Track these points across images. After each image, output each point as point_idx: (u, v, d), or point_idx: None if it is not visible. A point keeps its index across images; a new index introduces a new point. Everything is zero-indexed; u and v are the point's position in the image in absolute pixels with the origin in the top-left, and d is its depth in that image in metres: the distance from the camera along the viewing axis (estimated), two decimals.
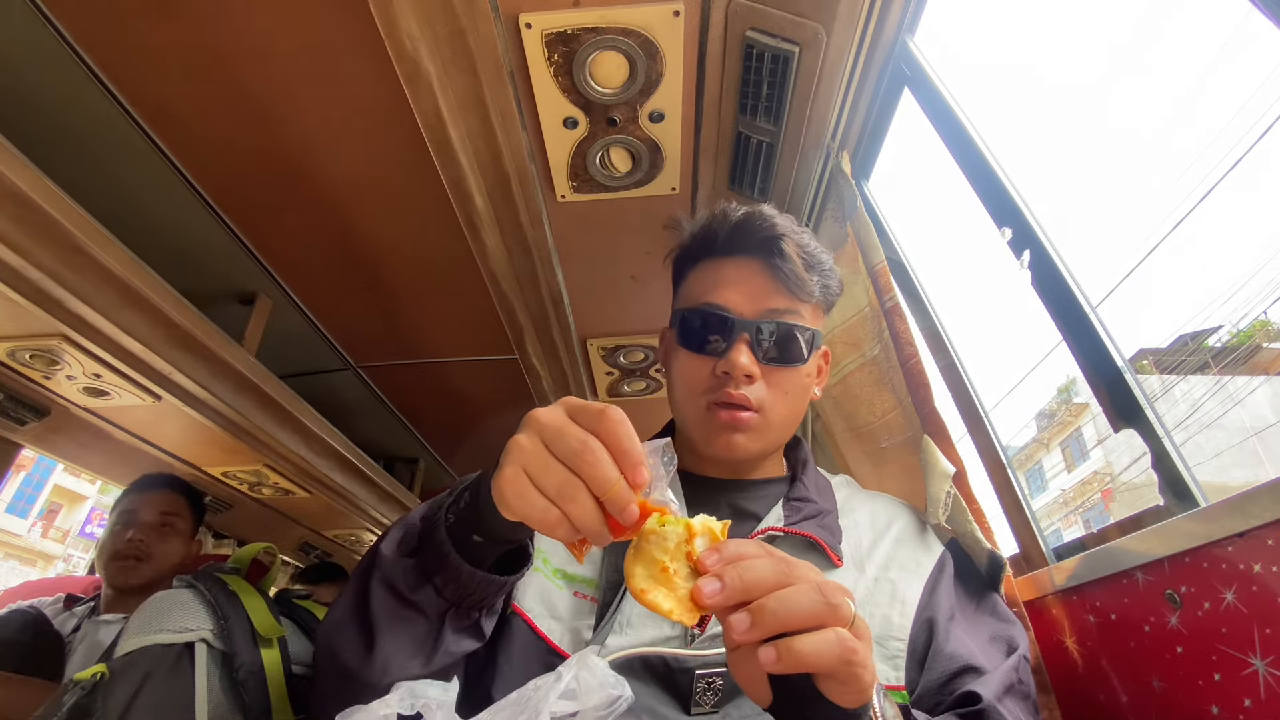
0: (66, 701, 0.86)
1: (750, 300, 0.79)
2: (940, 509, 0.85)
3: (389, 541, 0.61)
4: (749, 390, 0.76)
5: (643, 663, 0.65)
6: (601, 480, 0.45)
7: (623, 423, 0.47)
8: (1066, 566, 0.85)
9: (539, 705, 0.47)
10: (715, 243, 0.83)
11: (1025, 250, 0.93)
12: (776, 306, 0.79)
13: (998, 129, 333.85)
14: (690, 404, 0.80)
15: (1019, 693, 0.67)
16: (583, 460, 0.45)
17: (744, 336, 0.77)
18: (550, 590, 0.74)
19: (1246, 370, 14.61)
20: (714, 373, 0.78)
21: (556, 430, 0.47)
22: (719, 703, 0.64)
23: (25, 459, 11.82)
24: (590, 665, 0.49)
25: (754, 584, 0.45)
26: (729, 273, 0.81)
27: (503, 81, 1.19)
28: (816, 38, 1.11)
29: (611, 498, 0.45)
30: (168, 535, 1.67)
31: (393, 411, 2.61)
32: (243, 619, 1.06)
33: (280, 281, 1.80)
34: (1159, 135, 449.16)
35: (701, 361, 0.79)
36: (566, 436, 0.46)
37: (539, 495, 0.46)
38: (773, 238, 0.80)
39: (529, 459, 0.47)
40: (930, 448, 0.94)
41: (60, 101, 1.26)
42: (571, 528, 0.46)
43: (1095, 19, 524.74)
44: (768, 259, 0.80)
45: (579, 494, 0.45)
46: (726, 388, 0.76)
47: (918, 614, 0.73)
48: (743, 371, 0.75)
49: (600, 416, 0.47)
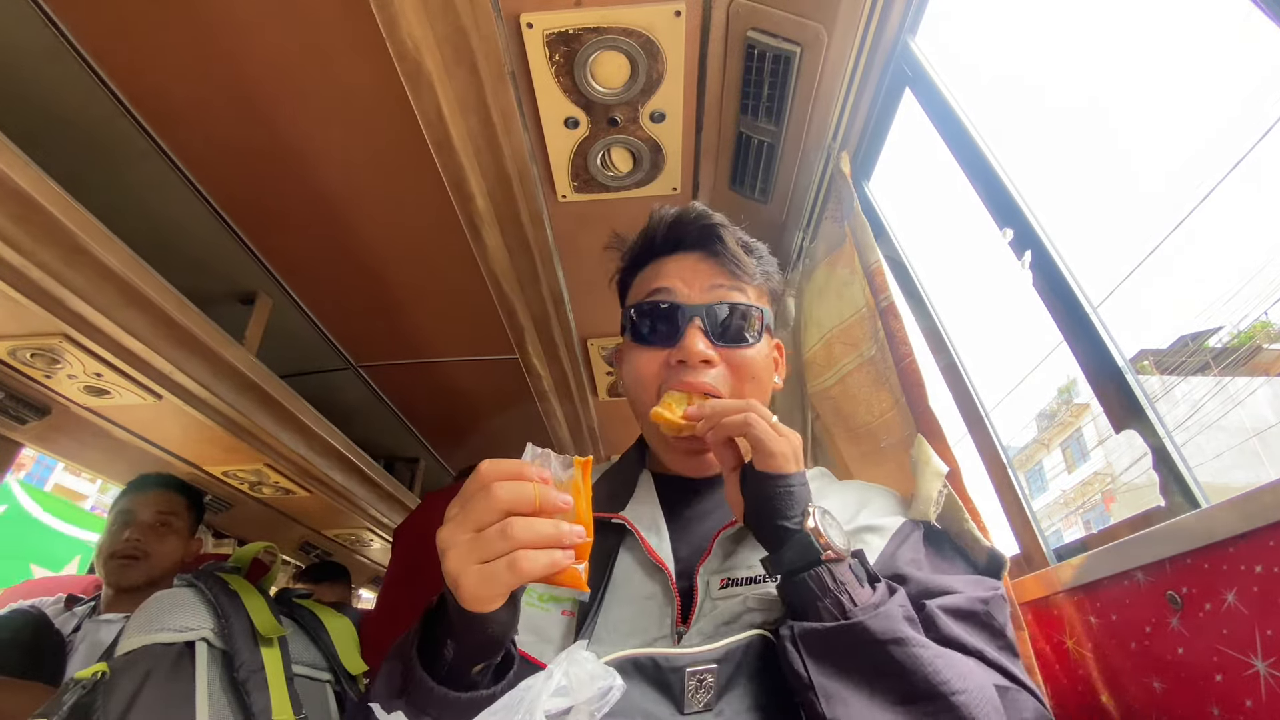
0: (67, 700, 0.86)
1: (696, 285, 0.78)
2: (931, 506, 0.85)
3: (378, 688, 0.60)
4: (707, 376, 0.75)
5: (633, 664, 0.65)
6: (526, 502, 0.51)
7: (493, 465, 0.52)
8: (1067, 567, 0.85)
9: (533, 704, 0.47)
10: (654, 243, 0.83)
11: (1027, 251, 0.93)
12: (722, 284, 0.78)
13: (999, 129, 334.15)
14: (646, 401, 0.77)
15: (978, 622, 0.66)
16: (507, 507, 0.50)
17: (695, 321, 0.75)
18: (537, 617, 0.73)
19: (1247, 371, 14.60)
20: (668, 363, 0.76)
21: (467, 512, 0.51)
22: (711, 701, 0.64)
23: (25, 458, 11.83)
24: (579, 660, 0.50)
25: (720, 409, 0.67)
26: (670, 266, 0.81)
27: (504, 81, 1.19)
28: (818, 38, 1.11)
29: (546, 503, 0.51)
30: (165, 534, 1.67)
31: (393, 411, 2.61)
32: (243, 618, 1.06)
33: (281, 281, 1.80)
34: (1160, 136, 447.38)
35: (653, 354, 0.77)
36: (474, 507, 0.51)
37: (503, 559, 0.49)
38: (708, 226, 0.80)
39: (469, 548, 0.50)
40: (922, 445, 0.94)
41: (62, 101, 1.26)
42: (551, 559, 0.50)
43: (1097, 19, 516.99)
44: (708, 248, 0.80)
45: (521, 534, 0.49)
46: (684, 377, 0.74)
47: (882, 559, 0.73)
48: (699, 357, 0.73)
49: (479, 479, 0.52)
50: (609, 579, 0.73)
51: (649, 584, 0.73)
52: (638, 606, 0.72)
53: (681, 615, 0.70)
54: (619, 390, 2.38)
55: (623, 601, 0.72)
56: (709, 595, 0.70)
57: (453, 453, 3.09)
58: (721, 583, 0.71)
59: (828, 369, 1.27)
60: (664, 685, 0.64)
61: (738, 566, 0.72)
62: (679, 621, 0.69)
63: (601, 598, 0.71)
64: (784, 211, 1.49)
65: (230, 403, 1.71)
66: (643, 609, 0.71)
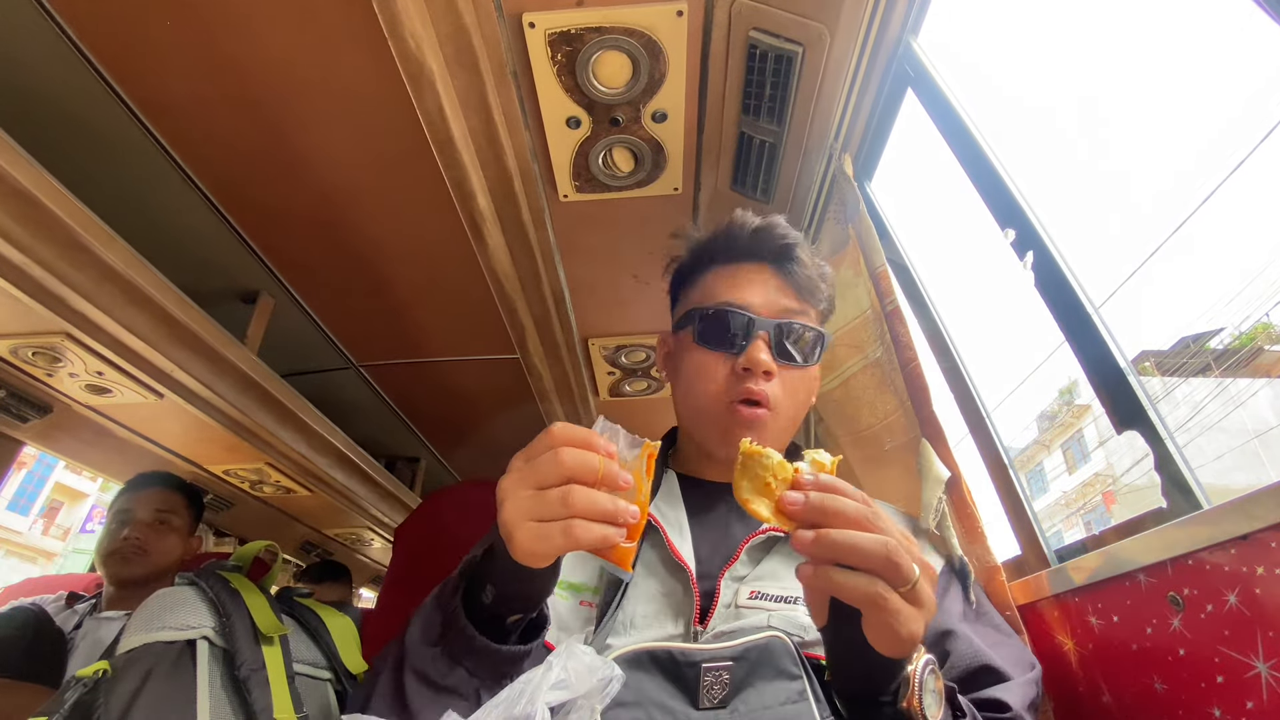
0: (69, 698, 0.86)
1: (768, 301, 0.82)
2: (931, 515, 0.85)
3: (412, 635, 0.61)
4: (766, 387, 0.78)
5: (649, 656, 0.66)
6: (588, 470, 0.50)
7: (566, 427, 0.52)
8: (1068, 568, 0.85)
9: (534, 696, 0.47)
10: (731, 249, 0.86)
11: (1029, 252, 0.93)
12: (791, 308, 0.82)
13: (1001, 129, 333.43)
14: (709, 401, 0.80)
15: (1034, 705, 0.69)
16: (570, 474, 0.50)
17: (763, 334, 0.79)
18: (557, 604, 0.74)
19: (1248, 373, 14.59)
20: (734, 370, 0.79)
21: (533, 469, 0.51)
22: (727, 697, 0.64)
23: (26, 456, 11.85)
24: (577, 653, 0.50)
25: (832, 510, 0.49)
26: (745, 275, 0.84)
27: (506, 81, 1.19)
28: (820, 38, 1.11)
29: (608, 476, 0.50)
30: (164, 533, 1.67)
31: (394, 410, 2.61)
32: (244, 617, 1.07)
33: (282, 280, 1.80)
34: (1163, 137, 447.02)
35: (720, 359, 0.80)
36: (541, 466, 0.51)
37: (558, 522, 0.49)
38: (787, 245, 0.84)
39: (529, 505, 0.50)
40: (927, 452, 0.94)
41: (64, 99, 1.26)
42: (605, 531, 0.50)
43: (1099, 19, 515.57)
44: (782, 264, 0.84)
45: (578, 500, 0.49)
46: (747, 384, 0.78)
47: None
48: (763, 368, 0.77)
49: (548, 435, 0.52)
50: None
51: (670, 581, 0.74)
52: (657, 604, 0.73)
53: (700, 616, 0.71)
54: (620, 390, 2.38)
55: (642, 598, 0.73)
56: (734, 602, 0.71)
57: (453, 452, 3.09)
58: (751, 594, 0.71)
59: (831, 371, 1.27)
60: (680, 679, 0.65)
61: (767, 579, 0.73)
62: (696, 621, 0.70)
63: (623, 592, 0.72)
64: (785, 212, 1.49)
65: (232, 402, 1.71)
66: (662, 606, 0.72)
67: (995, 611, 0.83)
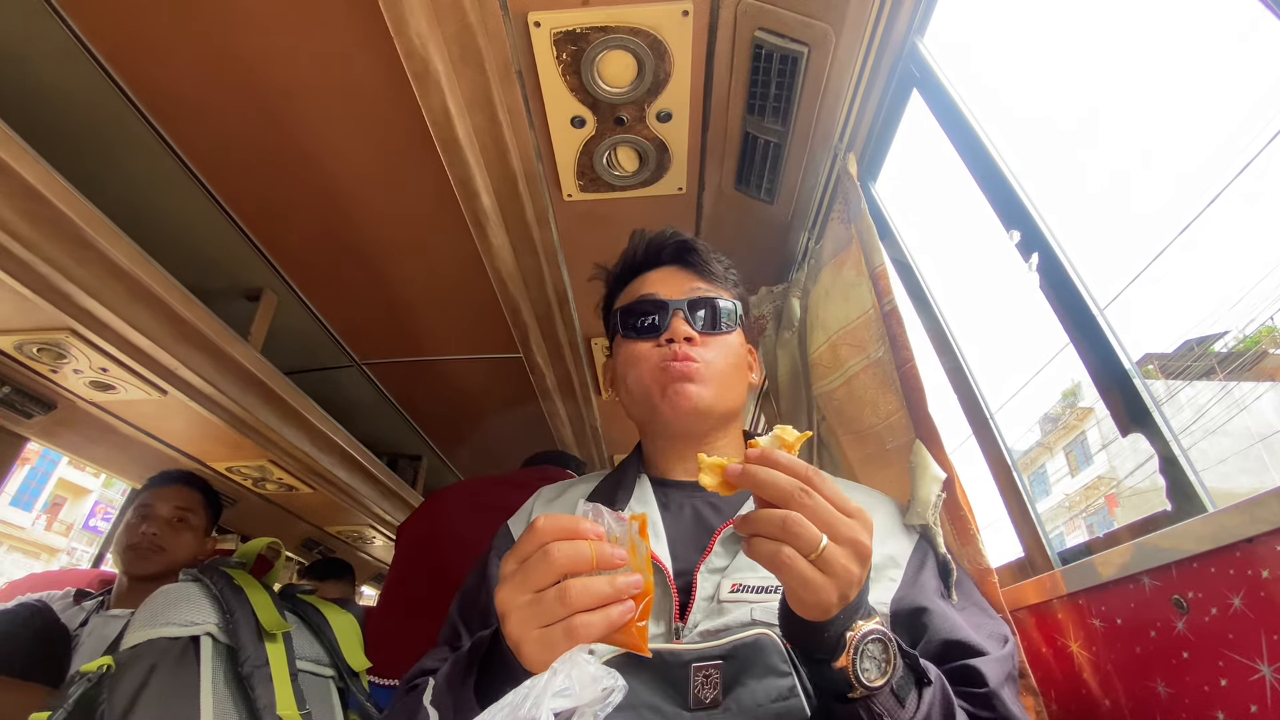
0: (73, 693, 0.87)
1: (676, 288, 0.90)
2: (930, 510, 0.85)
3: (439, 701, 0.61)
4: (694, 350, 0.85)
5: (638, 659, 0.66)
6: (585, 562, 0.50)
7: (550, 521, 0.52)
8: (1072, 571, 0.85)
9: (538, 701, 0.47)
10: (635, 261, 0.96)
11: (1034, 253, 0.92)
12: (699, 288, 0.90)
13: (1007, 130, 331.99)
14: (642, 379, 0.86)
15: (1013, 678, 0.69)
16: (564, 567, 0.50)
17: (677, 311, 0.87)
18: None
19: (1253, 376, 14.54)
20: (658, 345, 0.86)
21: (526, 574, 0.51)
22: (718, 696, 0.64)
23: (30, 452, 11.90)
24: (580, 661, 0.50)
25: (760, 481, 0.53)
26: (652, 276, 0.93)
27: (511, 80, 1.19)
28: (825, 38, 1.11)
29: (604, 559, 0.51)
30: (181, 530, 1.68)
31: (397, 408, 2.62)
32: (248, 613, 1.07)
33: (286, 278, 1.81)
34: (1169, 139, 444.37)
35: (645, 344, 0.88)
36: (533, 570, 0.51)
37: (562, 625, 0.49)
38: (681, 243, 0.93)
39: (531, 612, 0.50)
40: (920, 451, 0.94)
41: (70, 96, 1.27)
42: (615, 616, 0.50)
43: (1106, 22, 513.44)
44: (682, 260, 0.93)
45: (576, 598, 0.49)
46: (672, 351, 0.84)
47: (903, 589, 0.74)
48: (684, 334, 0.85)
49: (534, 534, 0.52)
50: None
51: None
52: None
53: (680, 611, 0.71)
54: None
55: None
56: (716, 596, 0.71)
57: (456, 450, 3.10)
58: (734, 587, 0.71)
59: (833, 370, 1.27)
60: (670, 680, 0.65)
61: (745, 569, 0.73)
62: (676, 618, 0.71)
63: None
64: (789, 212, 1.49)
65: (235, 399, 1.72)
66: None
67: (975, 589, 0.83)
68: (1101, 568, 0.79)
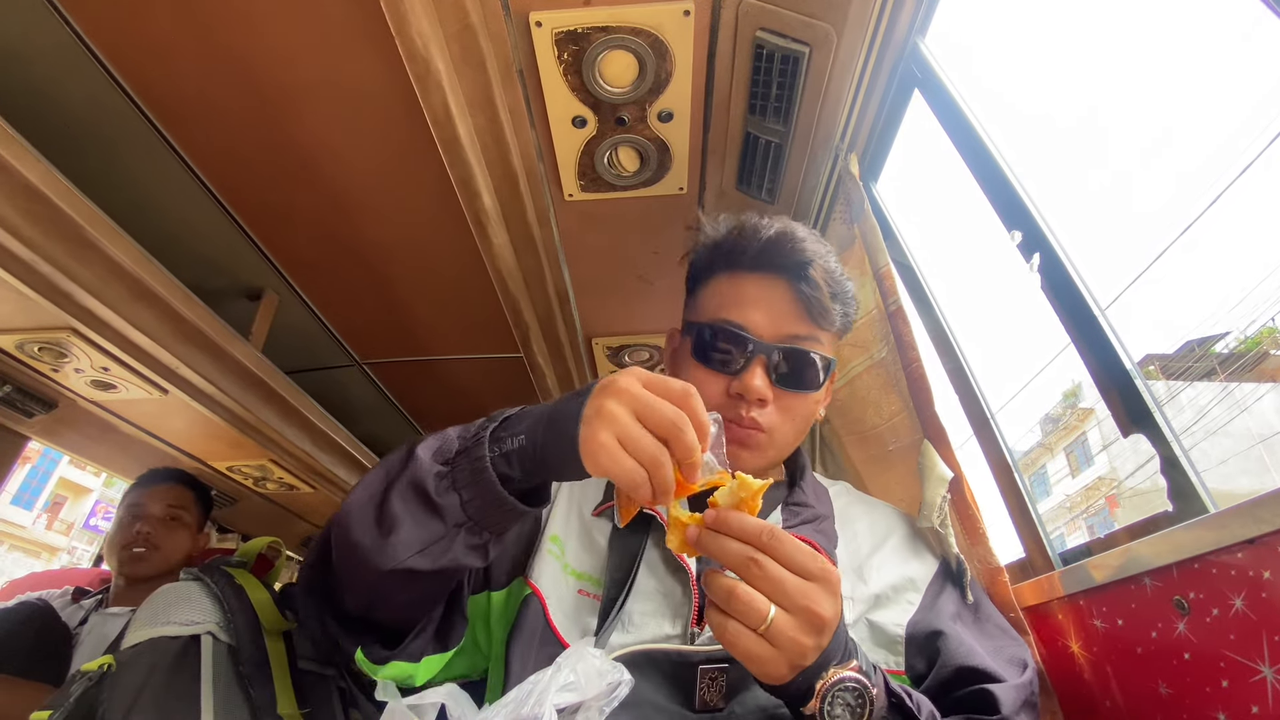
0: (74, 693, 0.87)
1: (772, 323, 0.78)
2: (935, 513, 0.85)
3: (425, 447, 0.62)
4: (760, 414, 0.76)
5: (646, 658, 0.66)
6: (687, 450, 0.51)
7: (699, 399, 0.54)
8: (1073, 572, 0.85)
9: (542, 697, 0.47)
10: (742, 256, 0.81)
11: (1035, 253, 0.92)
12: (798, 333, 0.78)
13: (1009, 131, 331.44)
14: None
15: (1031, 705, 0.69)
16: (674, 436, 0.51)
17: (761, 359, 0.76)
18: (561, 582, 0.75)
19: (1254, 377, 14.52)
20: (728, 392, 0.77)
21: (647, 405, 0.52)
22: (724, 699, 0.64)
23: (31, 451, 11.90)
24: (586, 656, 0.51)
25: (713, 554, 0.54)
26: (752, 291, 0.79)
27: (512, 80, 1.19)
28: (827, 38, 1.11)
29: (691, 465, 0.52)
30: (175, 528, 1.69)
31: (397, 408, 2.62)
32: (249, 612, 1.07)
33: (287, 278, 1.81)
34: (1171, 139, 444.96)
35: (714, 378, 0.78)
36: (658, 410, 0.52)
37: (629, 459, 0.51)
38: (803, 262, 0.78)
39: (622, 428, 0.51)
40: (929, 451, 0.94)
41: (71, 96, 1.27)
42: (651, 489, 0.51)
43: (1107, 23, 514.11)
44: (794, 282, 0.78)
45: (666, 461, 0.51)
46: (739, 409, 0.76)
47: (920, 612, 0.75)
48: (757, 395, 0.75)
49: (685, 397, 0.53)
50: (635, 572, 0.73)
51: (669, 581, 0.74)
52: (655, 602, 0.72)
53: (698, 617, 0.70)
54: None
55: (644, 596, 0.73)
56: None
57: None
58: None
59: (836, 371, 1.27)
60: (677, 681, 0.65)
61: None
62: (694, 622, 0.70)
63: (627, 591, 0.71)
64: (791, 212, 1.48)
65: (236, 398, 1.72)
66: (659, 605, 0.72)
67: (997, 612, 0.82)
68: (1102, 569, 0.79)
